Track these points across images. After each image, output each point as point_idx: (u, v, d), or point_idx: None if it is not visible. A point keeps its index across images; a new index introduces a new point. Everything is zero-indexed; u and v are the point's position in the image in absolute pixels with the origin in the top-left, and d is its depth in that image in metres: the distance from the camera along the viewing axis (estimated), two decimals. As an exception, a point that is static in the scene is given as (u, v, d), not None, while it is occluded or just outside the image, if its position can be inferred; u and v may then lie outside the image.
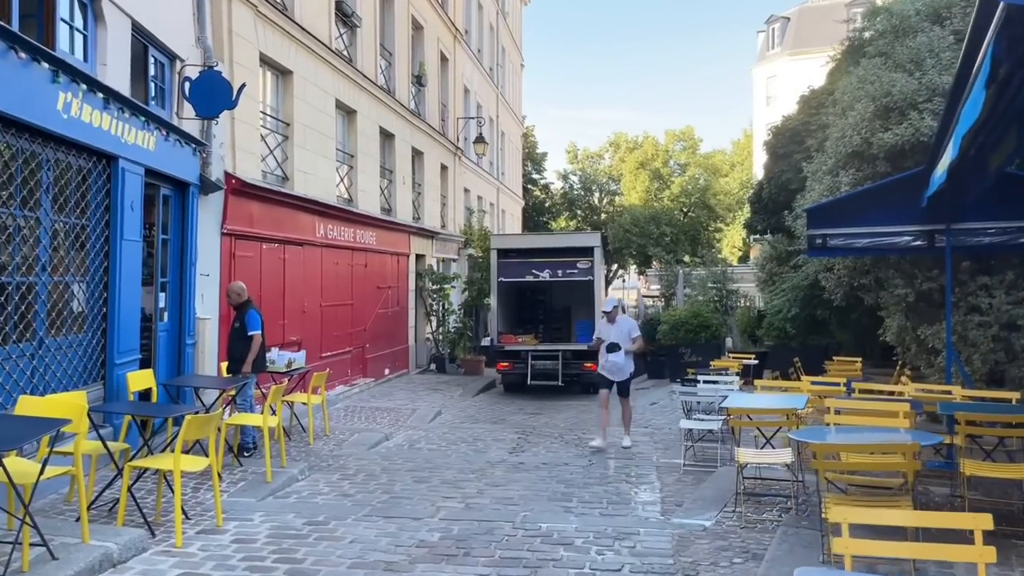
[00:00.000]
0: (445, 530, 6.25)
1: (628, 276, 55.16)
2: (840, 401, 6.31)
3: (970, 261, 9.82)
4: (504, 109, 33.51)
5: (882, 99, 9.53)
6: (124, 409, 7.28)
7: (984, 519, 2.69)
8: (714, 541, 5.89)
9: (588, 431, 11.66)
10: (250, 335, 8.83)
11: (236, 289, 9.16)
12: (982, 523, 2.70)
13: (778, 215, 19.53)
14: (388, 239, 17.75)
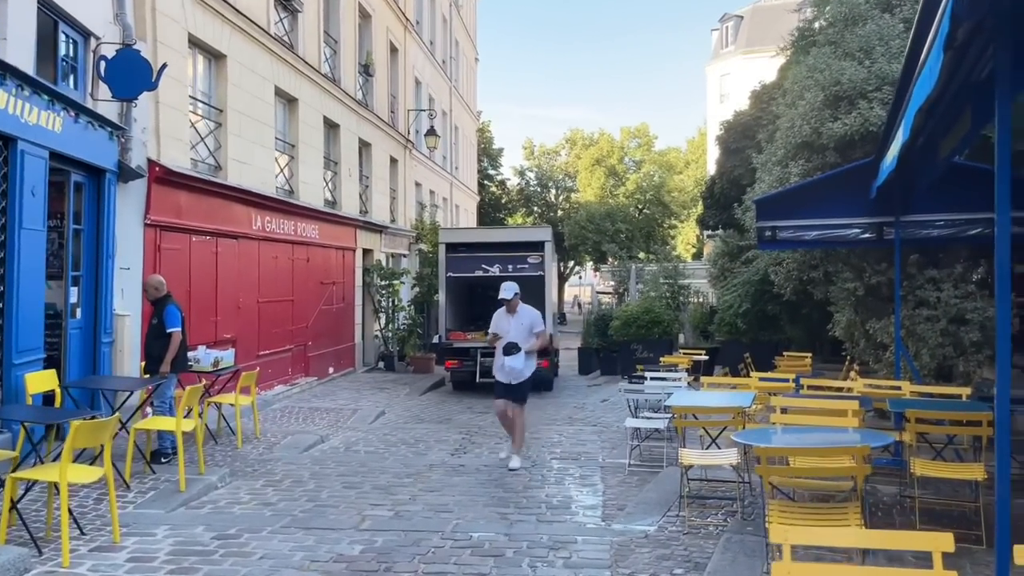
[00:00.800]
0: (368, 542, 5.78)
1: (584, 273, 55.16)
2: (787, 399, 6.02)
3: (918, 254, 9.67)
4: (458, 103, 32.99)
5: (832, 88, 9.31)
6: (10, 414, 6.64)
7: (944, 540, 2.34)
8: (655, 549, 5.53)
9: (536, 430, 11.28)
10: (169, 332, 8.23)
11: (154, 283, 8.55)
12: (941, 544, 2.35)
13: (730, 210, 19.43)
14: (333, 233, 17.14)
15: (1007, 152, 3.26)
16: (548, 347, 15.72)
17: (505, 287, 8.56)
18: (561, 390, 16.31)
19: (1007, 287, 3.24)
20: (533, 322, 8.59)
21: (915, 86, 4.02)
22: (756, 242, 10.46)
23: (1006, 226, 3.28)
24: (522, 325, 8.50)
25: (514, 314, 8.53)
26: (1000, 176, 3.24)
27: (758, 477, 6.81)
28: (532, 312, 8.68)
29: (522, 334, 8.47)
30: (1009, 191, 3.27)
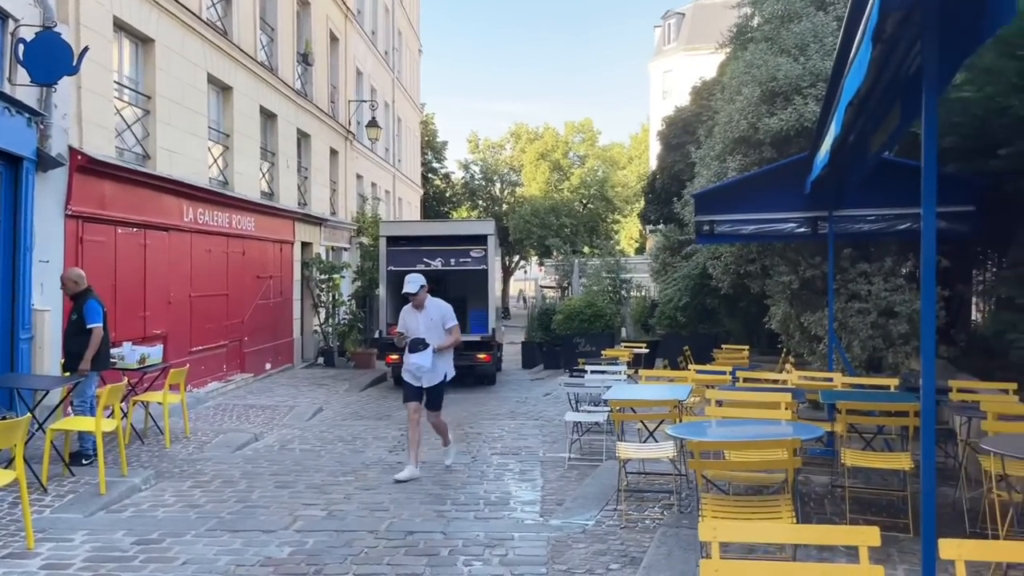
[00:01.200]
0: (298, 544, 5.60)
1: (529, 267, 55.26)
2: (722, 392, 6.05)
3: (851, 248, 9.87)
4: (401, 95, 32.59)
5: (768, 84, 9.42)
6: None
7: (870, 534, 2.32)
8: (592, 544, 5.48)
9: (478, 425, 11.19)
10: (89, 328, 7.84)
11: (72, 276, 8.14)
12: (868, 538, 2.32)
13: (671, 205, 19.61)
14: (270, 225, 16.72)
15: (933, 145, 3.28)
16: (492, 342, 15.66)
17: (409, 280, 7.71)
18: (504, 384, 16.25)
19: (932, 280, 3.26)
20: (444, 316, 7.80)
21: (846, 80, 4.03)
22: (695, 236, 10.54)
23: (932, 219, 3.30)
24: (431, 320, 7.72)
25: (422, 309, 7.75)
26: (927, 170, 3.26)
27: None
28: (442, 306, 7.89)
29: (432, 330, 7.70)
30: (935, 184, 3.29)
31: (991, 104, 6.74)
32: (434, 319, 7.76)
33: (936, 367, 9.94)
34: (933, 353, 3.16)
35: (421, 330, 7.68)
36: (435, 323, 7.76)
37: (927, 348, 3.16)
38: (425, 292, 7.77)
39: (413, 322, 7.79)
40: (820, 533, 2.40)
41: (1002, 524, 4.22)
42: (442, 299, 19.13)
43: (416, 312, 7.78)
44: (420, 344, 7.60)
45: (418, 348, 7.61)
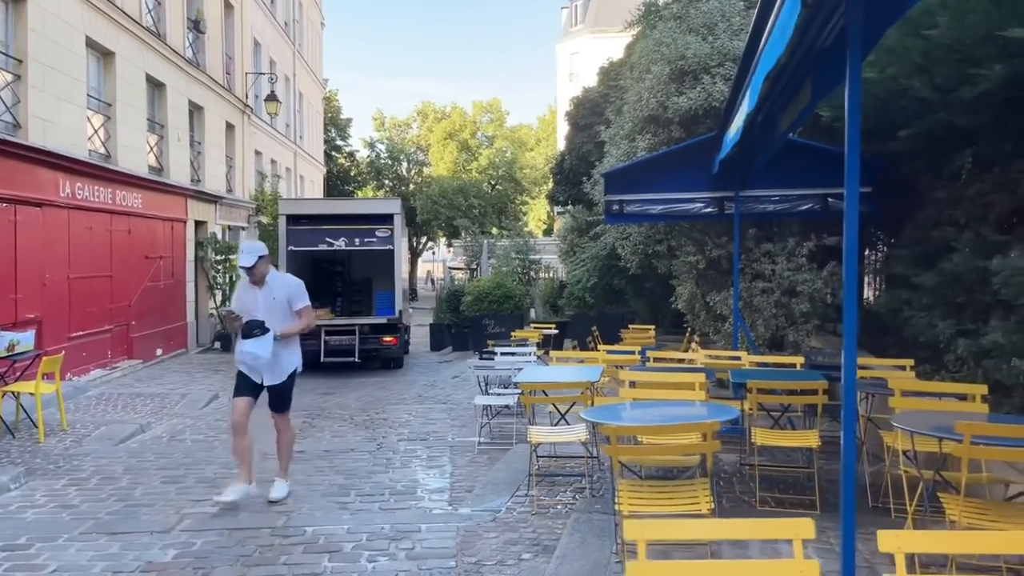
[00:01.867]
0: (185, 545, 5.15)
1: (437, 248, 54.70)
2: (635, 373, 5.94)
3: (755, 228, 10.01)
4: (302, 69, 31.37)
5: (677, 63, 9.38)
6: None
7: (804, 526, 2.17)
8: (503, 533, 5.27)
9: (383, 410, 10.82)
10: (-55, 313, 7.04)
11: (-76, 255, 7.28)
12: (802, 531, 2.17)
13: (579, 186, 19.62)
14: (159, 202, 15.71)
15: (857, 116, 3.17)
16: (399, 324, 15.24)
17: (244, 250, 6.26)
18: (412, 367, 15.88)
19: (855, 261, 3.17)
20: (291, 295, 6.31)
21: (764, 49, 3.90)
22: (604, 216, 10.46)
23: (854, 195, 3.19)
24: (274, 300, 6.23)
25: (262, 286, 6.24)
26: (850, 142, 3.15)
27: (606, 452, 6.75)
28: (290, 283, 6.45)
29: (275, 312, 6.21)
30: (859, 153, 3.19)
31: (893, 85, 6.85)
32: (278, 298, 6.25)
33: (832, 345, 10.23)
34: (855, 333, 3.08)
35: (260, 311, 6.17)
36: (279, 303, 6.25)
37: (849, 329, 3.06)
38: (266, 265, 6.25)
39: (251, 301, 6.25)
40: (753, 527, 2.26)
41: (910, 500, 4.25)
42: (347, 280, 18.07)
43: (255, 289, 6.25)
44: (256, 328, 6.07)
45: (253, 333, 6.07)
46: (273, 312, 6.22)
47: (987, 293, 6.48)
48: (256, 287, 6.25)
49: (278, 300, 6.26)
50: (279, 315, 6.24)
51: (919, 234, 7.88)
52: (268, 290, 6.26)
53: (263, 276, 6.25)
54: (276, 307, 6.25)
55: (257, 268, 6.17)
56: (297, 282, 6.49)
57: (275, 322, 6.17)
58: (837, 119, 8.37)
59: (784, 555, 4.45)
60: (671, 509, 3.83)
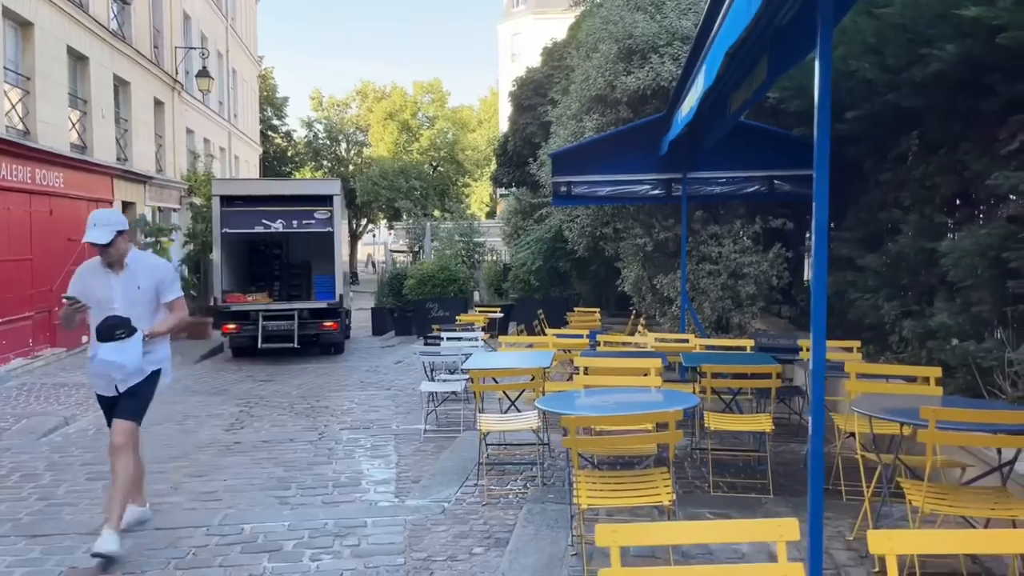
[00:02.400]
0: (112, 548, 4.79)
1: (378, 231, 53.89)
2: (590, 359, 5.79)
3: (702, 211, 9.98)
4: (236, 45, 30.27)
5: (625, 41, 9.23)
6: None
7: (789, 527, 2.03)
8: (453, 526, 5.08)
9: (324, 398, 10.50)
10: None
11: None
12: (786, 532, 2.03)
13: (523, 168, 19.43)
14: (83, 182, 14.91)
15: (827, 83, 3.04)
16: (340, 309, 14.86)
17: (98, 221, 4.75)
18: (353, 352, 15.53)
19: (824, 242, 3.05)
20: (161, 283, 4.88)
21: (725, 22, 3.75)
22: (551, 198, 10.29)
23: (824, 175, 3.07)
24: (137, 290, 4.78)
25: (120, 270, 4.78)
26: (821, 115, 3.02)
27: (557, 436, 6.60)
28: (158, 267, 5.02)
29: (138, 305, 4.77)
30: (828, 127, 3.07)
31: (841, 66, 6.82)
32: (143, 287, 4.81)
33: (776, 326, 10.29)
34: (824, 319, 2.97)
35: (118, 304, 4.73)
36: (144, 294, 4.82)
37: (818, 315, 2.95)
38: (127, 243, 4.83)
39: (103, 290, 4.78)
40: (734, 529, 2.12)
41: (867, 484, 4.21)
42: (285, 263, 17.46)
43: (110, 274, 4.79)
44: (120, 328, 4.61)
45: (116, 335, 4.61)
46: (135, 305, 4.74)
47: (932, 275, 6.55)
48: (112, 271, 4.77)
49: (143, 290, 4.80)
50: (143, 310, 4.79)
51: (864, 216, 7.94)
52: (129, 276, 4.78)
53: (122, 257, 4.77)
54: (140, 299, 4.78)
55: (116, 245, 4.69)
56: (167, 266, 5.16)
57: (138, 319, 4.73)
58: (784, 100, 8.36)
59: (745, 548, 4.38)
60: (631, 501, 3.70)
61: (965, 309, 5.63)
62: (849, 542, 4.29)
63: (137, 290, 4.79)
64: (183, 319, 5.07)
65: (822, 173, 3.02)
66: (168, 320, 4.95)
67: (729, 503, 5.08)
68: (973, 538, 2.47)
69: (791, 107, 8.39)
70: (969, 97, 5.57)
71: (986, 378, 5.28)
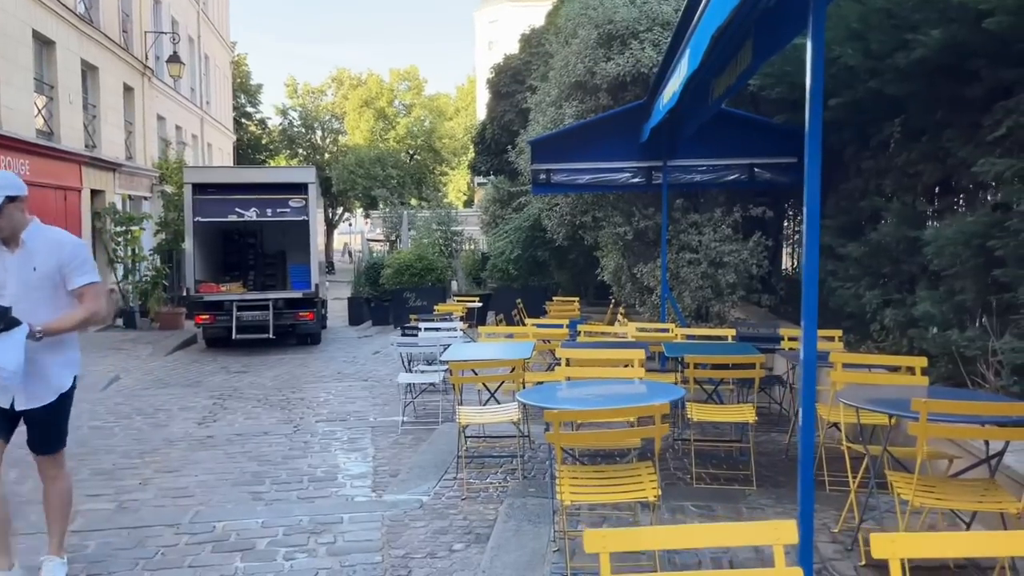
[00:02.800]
0: (76, 549, 4.62)
1: (355, 220, 53.44)
2: (572, 351, 5.66)
3: (682, 199, 9.90)
4: (208, 30, 29.70)
5: (605, 27, 9.10)
6: None
7: (786, 529, 1.93)
8: (432, 522, 4.96)
9: (300, 389, 10.32)
10: None
11: None
12: (783, 535, 1.93)
13: (501, 156, 19.26)
14: (50, 169, 14.52)
15: (820, 67, 2.94)
16: (316, 299, 14.63)
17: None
18: (330, 343, 15.33)
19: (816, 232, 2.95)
20: (66, 264, 3.87)
21: (712, 1, 3.63)
22: (530, 186, 10.16)
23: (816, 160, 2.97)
24: (33, 272, 3.83)
25: (15, 247, 3.84)
26: (813, 99, 2.91)
27: (537, 427, 6.50)
28: (63, 243, 3.93)
29: (36, 291, 3.83)
30: (821, 111, 2.96)
31: (823, 52, 6.74)
32: (41, 269, 3.85)
33: (755, 315, 10.24)
34: (816, 310, 2.88)
35: (8, 288, 3.81)
36: (43, 277, 3.86)
37: (809, 306, 2.85)
38: (22, 213, 3.83)
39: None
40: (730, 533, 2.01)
41: (853, 477, 4.15)
42: (260, 253, 17.13)
43: (2, 251, 3.85)
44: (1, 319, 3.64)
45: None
46: (31, 291, 3.80)
47: (913, 263, 6.52)
48: (6, 249, 3.83)
49: (41, 273, 3.83)
50: (40, 297, 3.83)
51: (845, 204, 7.90)
52: (25, 255, 3.83)
53: (16, 231, 3.80)
54: (37, 284, 3.83)
55: (4, 217, 3.72)
56: (75, 244, 3.99)
57: (36, 308, 3.77)
58: (764, 87, 8.28)
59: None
60: (615, 497, 3.60)
61: (948, 298, 5.60)
62: (835, 534, 4.23)
63: (33, 272, 3.82)
64: (96, 312, 3.95)
65: (814, 161, 2.92)
66: (73, 315, 3.88)
67: (712, 495, 5.00)
68: (976, 541, 2.39)
69: (772, 94, 8.32)
70: (953, 83, 5.52)
71: (968, 367, 5.25)
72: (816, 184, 2.96)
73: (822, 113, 2.99)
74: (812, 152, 2.93)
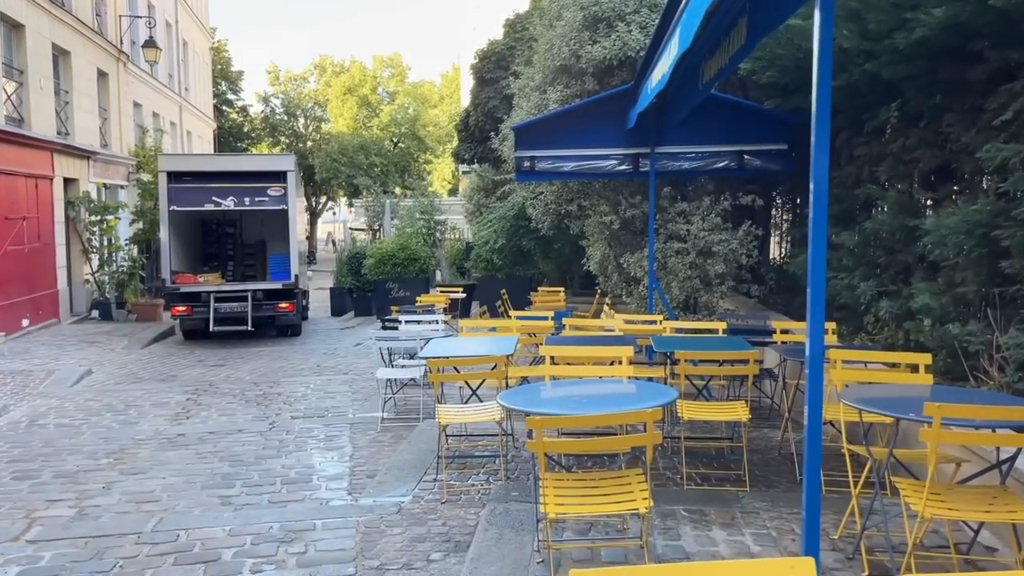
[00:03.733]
0: (30, 560, 4.33)
1: (338, 209, 52.88)
2: (556, 348, 5.37)
3: (670, 187, 9.66)
4: (186, 15, 29.06)
5: (590, 8, 8.81)
6: None
7: (805, 567, 1.68)
8: (409, 528, 4.70)
9: (277, 383, 10.02)
10: None
11: None
12: (802, 571, 1.69)
13: (485, 144, 18.92)
14: (19, 157, 14.05)
15: (829, 49, 2.68)
16: (296, 290, 14.30)
17: None
18: (311, 335, 15.01)
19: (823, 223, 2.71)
20: None
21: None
22: (514, 173, 9.87)
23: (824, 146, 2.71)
24: None
25: None
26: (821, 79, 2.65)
27: (520, 424, 6.24)
28: None
29: None
30: (829, 94, 2.70)
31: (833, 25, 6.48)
32: None
33: (744, 306, 10.02)
34: (823, 308, 2.64)
35: None
36: None
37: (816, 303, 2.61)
38: None
39: None
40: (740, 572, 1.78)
41: (854, 482, 3.92)
42: (238, 243, 16.90)
43: None
44: None
45: None
46: None
47: (909, 253, 6.30)
48: None
49: None
50: None
51: (837, 192, 7.65)
52: None
53: None
54: None
55: None
56: None
57: None
58: (755, 71, 8.03)
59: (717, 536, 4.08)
60: (604, 509, 3.35)
61: (948, 289, 5.38)
62: (834, 541, 4.01)
63: None
64: None
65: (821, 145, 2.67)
66: None
67: (704, 498, 4.77)
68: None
69: (763, 79, 8.07)
70: (954, 65, 5.28)
71: (969, 361, 5.04)
72: (824, 171, 2.72)
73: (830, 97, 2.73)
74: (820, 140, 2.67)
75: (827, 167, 2.75)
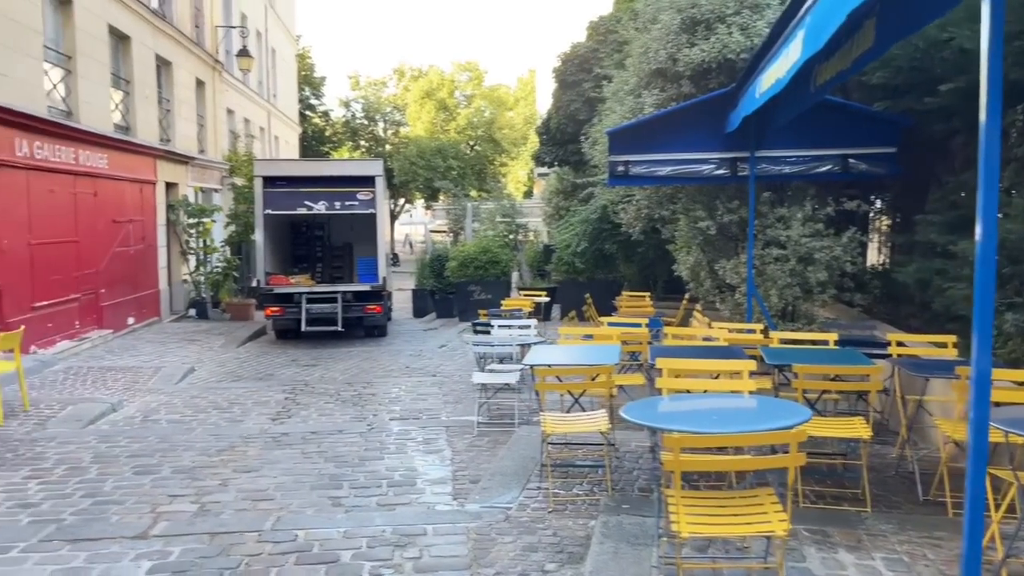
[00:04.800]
0: (160, 556, 4.52)
1: (414, 211, 53.70)
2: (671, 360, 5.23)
3: (769, 192, 9.40)
4: (275, 24, 30.02)
5: (689, 11, 8.65)
6: None
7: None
8: (520, 536, 4.71)
9: (370, 384, 10.22)
10: None
11: None
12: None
13: (565, 146, 18.88)
14: (127, 163, 14.76)
15: (999, 48, 2.55)
16: (383, 292, 14.57)
17: None
18: (396, 336, 15.27)
19: (993, 235, 2.58)
20: None
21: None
22: (606, 177, 9.79)
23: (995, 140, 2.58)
24: None
25: None
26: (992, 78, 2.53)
27: (622, 434, 6.19)
28: None
29: None
30: (1001, 96, 2.58)
31: (935, 34, 6.23)
32: None
33: (845, 315, 9.67)
34: (991, 327, 2.52)
35: None
36: None
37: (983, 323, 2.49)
38: None
39: None
40: None
41: (995, 507, 3.73)
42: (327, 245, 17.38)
43: None
44: None
45: None
46: None
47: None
48: None
49: None
50: None
51: (952, 198, 7.33)
52: None
53: None
54: None
55: None
56: None
57: None
58: (864, 72, 7.73)
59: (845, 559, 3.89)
60: (739, 530, 3.28)
61: (1087, 303, 5.06)
62: (972, 569, 3.81)
63: None
64: None
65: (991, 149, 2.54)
66: None
67: (824, 518, 4.61)
68: None
69: (873, 79, 7.78)
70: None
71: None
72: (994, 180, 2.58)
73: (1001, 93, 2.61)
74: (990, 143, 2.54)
75: (997, 174, 2.62)
